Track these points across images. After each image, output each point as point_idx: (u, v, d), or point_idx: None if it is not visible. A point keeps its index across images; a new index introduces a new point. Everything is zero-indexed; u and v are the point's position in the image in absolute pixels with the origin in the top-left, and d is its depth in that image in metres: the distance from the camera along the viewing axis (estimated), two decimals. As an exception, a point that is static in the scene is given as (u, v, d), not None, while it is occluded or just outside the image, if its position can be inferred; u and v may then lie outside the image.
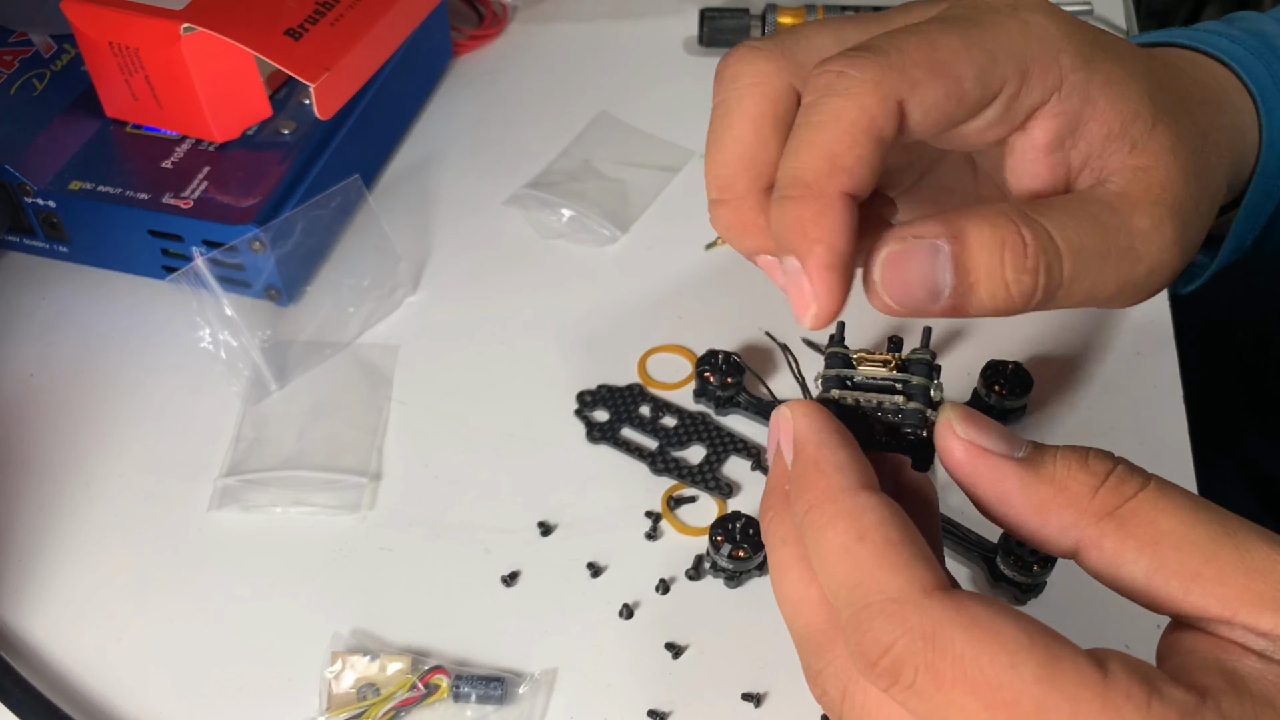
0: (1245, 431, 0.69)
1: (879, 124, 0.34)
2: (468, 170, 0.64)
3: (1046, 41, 0.37)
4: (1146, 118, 0.38)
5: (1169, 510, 0.29)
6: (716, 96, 0.38)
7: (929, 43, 0.35)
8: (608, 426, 0.52)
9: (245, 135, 0.58)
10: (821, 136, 0.34)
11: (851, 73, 0.34)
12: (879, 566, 0.29)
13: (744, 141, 0.37)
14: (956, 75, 0.35)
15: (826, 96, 0.34)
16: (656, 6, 0.73)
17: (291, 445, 0.51)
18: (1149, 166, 0.38)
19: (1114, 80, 0.38)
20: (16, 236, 0.58)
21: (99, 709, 0.44)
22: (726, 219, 0.38)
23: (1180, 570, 0.29)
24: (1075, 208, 0.37)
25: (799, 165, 0.34)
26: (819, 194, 0.34)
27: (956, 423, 0.31)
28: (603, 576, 0.47)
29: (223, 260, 0.54)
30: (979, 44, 0.35)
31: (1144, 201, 0.38)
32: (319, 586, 0.47)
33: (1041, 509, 0.30)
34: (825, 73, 0.34)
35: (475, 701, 0.43)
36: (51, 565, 0.48)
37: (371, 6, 0.57)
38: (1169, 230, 0.38)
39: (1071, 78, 0.37)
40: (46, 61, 0.61)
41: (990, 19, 0.36)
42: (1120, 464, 0.31)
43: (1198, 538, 0.29)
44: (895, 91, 0.34)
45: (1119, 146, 0.38)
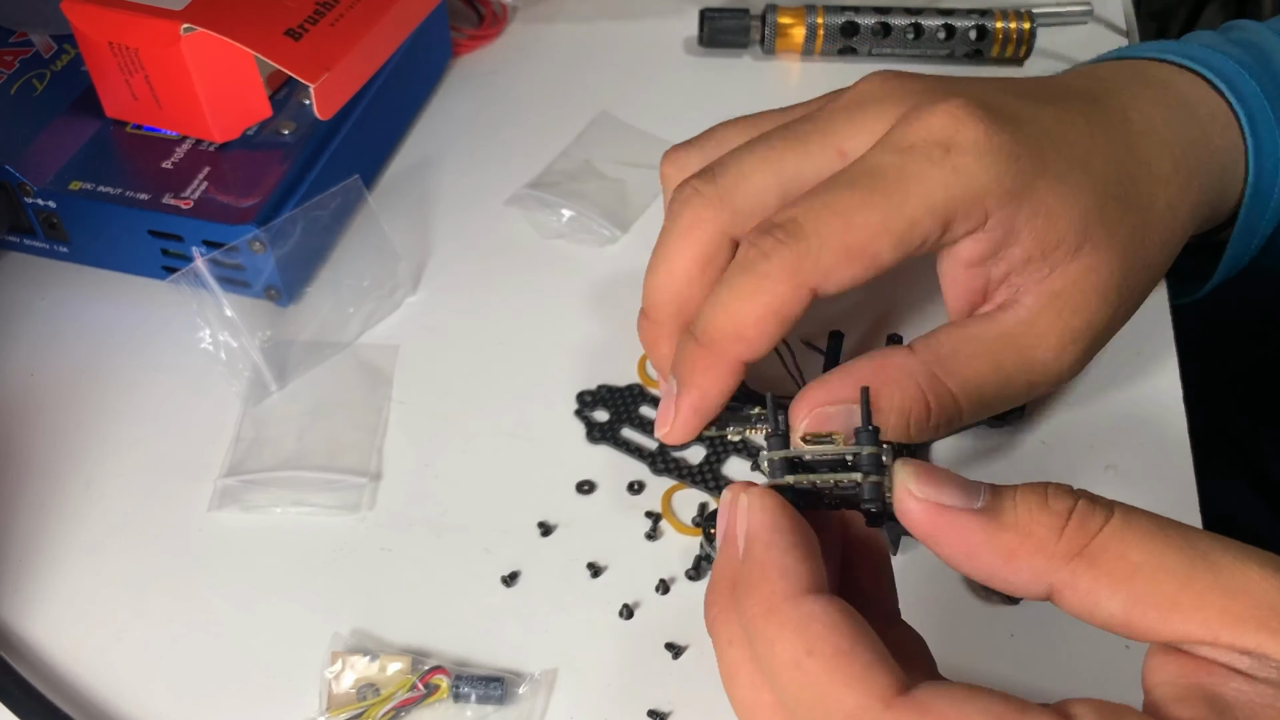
0: (1246, 430, 0.69)
1: (787, 308, 0.39)
2: (468, 170, 0.64)
3: (973, 189, 0.39)
4: (1070, 243, 0.41)
5: (1136, 541, 0.29)
6: (665, 222, 0.44)
7: (848, 226, 0.39)
8: (608, 426, 0.52)
9: (245, 135, 0.58)
10: (737, 305, 0.39)
11: (773, 258, 0.39)
12: (832, 682, 0.28)
13: (674, 276, 0.43)
14: (873, 252, 0.39)
15: (747, 274, 0.39)
16: (656, 6, 0.73)
17: (291, 445, 0.51)
18: (1063, 291, 0.41)
19: (1043, 211, 0.40)
20: (16, 236, 0.58)
21: (99, 709, 0.44)
22: (647, 333, 0.45)
23: (1157, 601, 0.29)
24: (981, 353, 0.41)
25: (712, 323, 0.40)
26: (718, 352, 0.40)
27: (910, 482, 0.31)
28: (603, 576, 0.47)
29: (223, 260, 0.54)
30: (899, 212, 0.39)
31: (1050, 331, 0.41)
32: (319, 587, 0.47)
33: (1010, 558, 0.30)
34: (751, 248, 0.39)
35: (475, 701, 0.43)
36: (51, 565, 0.48)
37: (371, 7, 0.57)
38: (1069, 356, 0.42)
39: (997, 214, 0.40)
40: (46, 62, 0.61)
41: (916, 170, 0.39)
42: (1081, 498, 0.30)
43: (1170, 565, 0.29)
44: (809, 280, 0.39)
45: (1038, 268, 0.41)
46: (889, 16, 0.67)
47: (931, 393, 0.40)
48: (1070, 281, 0.40)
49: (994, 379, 0.41)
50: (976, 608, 0.45)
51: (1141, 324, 0.54)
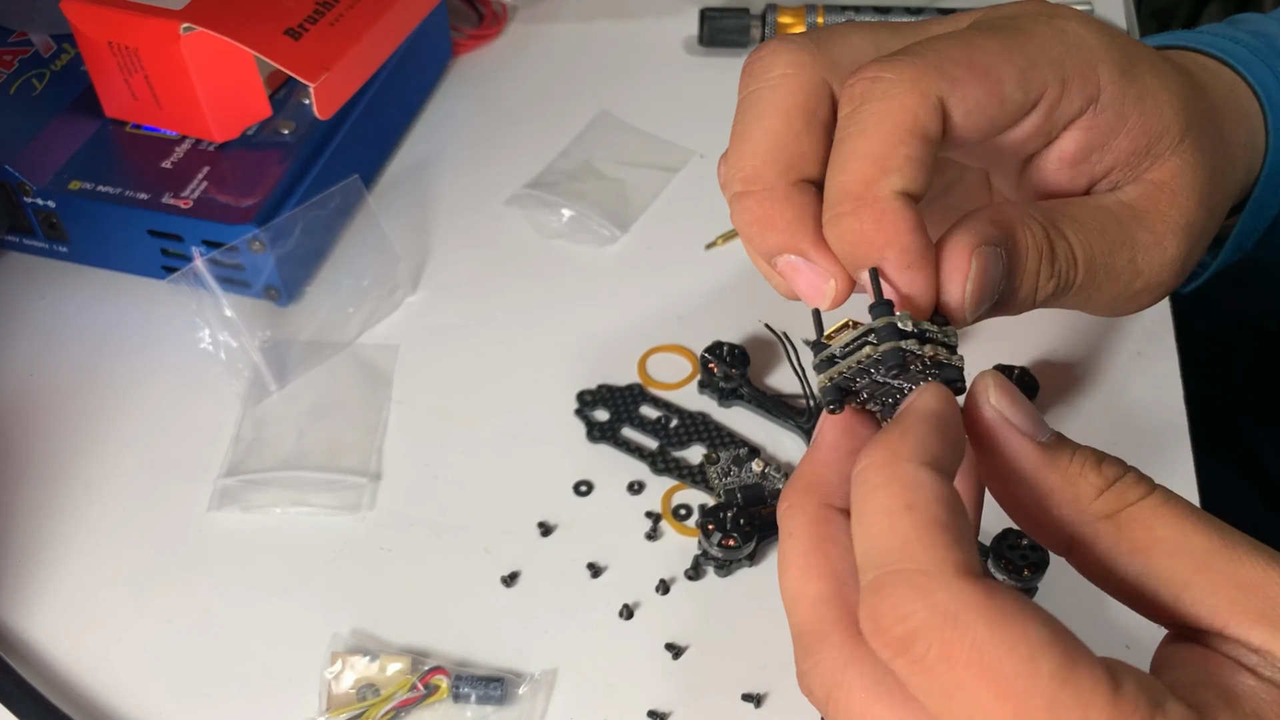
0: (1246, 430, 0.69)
1: (923, 121, 0.32)
2: (467, 170, 0.64)
3: (1085, 50, 0.36)
4: (1175, 133, 0.38)
5: (1168, 518, 0.29)
6: (744, 89, 0.36)
7: (966, 46, 0.34)
8: (608, 426, 0.52)
9: (245, 135, 0.58)
10: (865, 144, 0.32)
11: (888, 75, 0.33)
12: (918, 538, 0.28)
13: (775, 132, 0.35)
14: (997, 76, 0.34)
15: (865, 103, 0.33)
16: (656, 6, 0.73)
17: (291, 445, 0.51)
18: (1164, 182, 0.38)
19: (1148, 94, 0.37)
20: (16, 236, 0.58)
21: (99, 709, 0.44)
22: (752, 211, 0.35)
23: (1171, 578, 0.29)
24: (1088, 217, 0.37)
25: (845, 178, 0.33)
26: (872, 201, 0.32)
27: (991, 392, 0.31)
28: (603, 576, 0.47)
29: (222, 260, 0.54)
30: (1019, 48, 0.35)
31: (1151, 216, 0.38)
32: (319, 587, 0.47)
33: (1045, 498, 0.30)
34: (860, 80, 0.33)
35: (475, 702, 0.43)
36: (51, 565, 0.48)
37: (371, 6, 0.57)
38: (1170, 248, 0.38)
39: (1109, 89, 0.36)
40: (46, 61, 0.61)
41: (1027, 26, 0.36)
42: (1131, 472, 0.31)
43: (1193, 547, 0.29)
44: (935, 89, 0.33)
45: (1141, 161, 0.38)
46: (889, 16, 0.67)
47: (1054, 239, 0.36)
48: (1170, 174, 0.38)
49: (1103, 244, 0.37)
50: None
51: (1142, 324, 0.54)
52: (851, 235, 0.33)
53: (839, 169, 0.33)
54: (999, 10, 0.37)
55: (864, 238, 0.32)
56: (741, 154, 0.35)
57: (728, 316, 0.55)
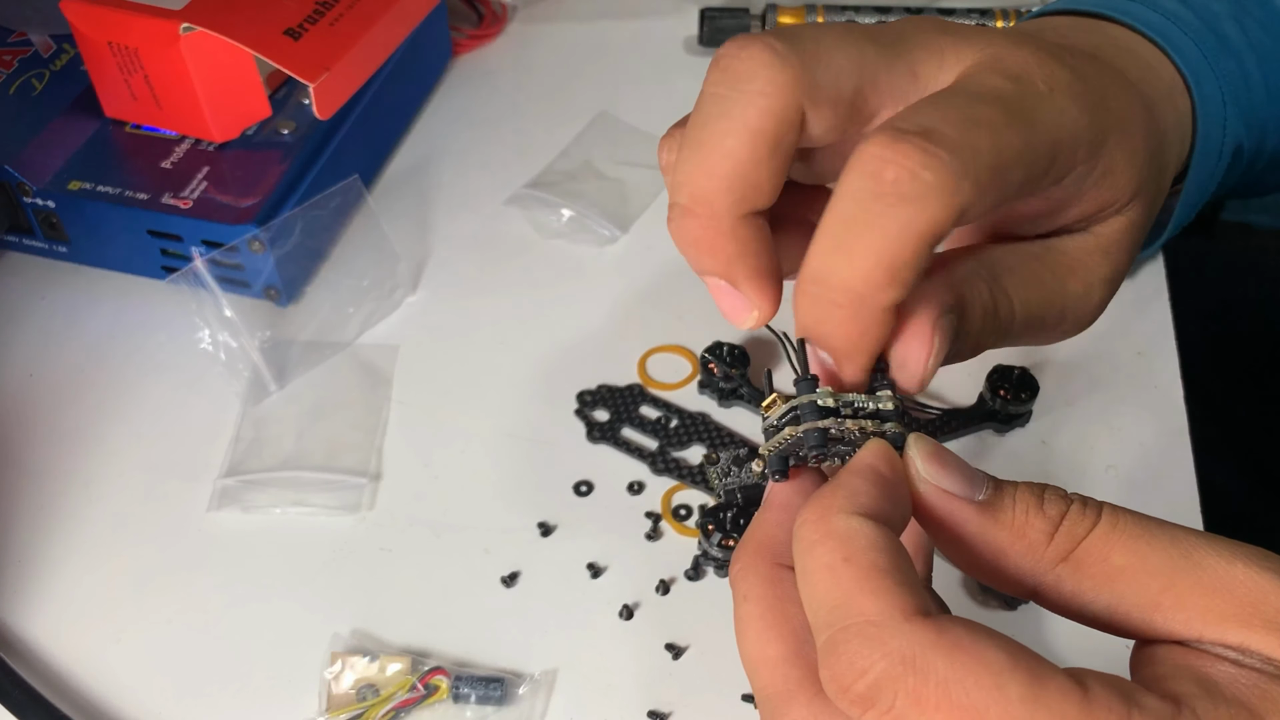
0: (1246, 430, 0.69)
1: (940, 237, 0.31)
2: (467, 170, 0.64)
3: (1074, 131, 0.35)
4: (1124, 199, 0.39)
5: (1121, 544, 0.29)
6: (714, 86, 0.34)
7: (996, 144, 0.32)
8: (608, 426, 0.52)
9: (244, 135, 0.58)
10: (879, 244, 0.31)
11: (925, 176, 0.30)
12: (860, 589, 0.28)
13: (736, 157, 0.33)
14: (1008, 180, 0.33)
15: (891, 202, 0.30)
16: (656, 6, 0.73)
17: (291, 446, 0.51)
18: (1104, 236, 0.39)
19: (1110, 170, 0.38)
20: (16, 236, 0.58)
21: (98, 709, 0.44)
22: (693, 234, 0.34)
23: (1139, 602, 0.29)
24: (1026, 270, 0.38)
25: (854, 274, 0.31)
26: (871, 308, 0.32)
27: (920, 463, 0.30)
28: (603, 576, 0.47)
29: (222, 260, 0.54)
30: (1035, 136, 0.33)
31: (1084, 267, 0.39)
32: (318, 587, 0.47)
33: (1000, 556, 0.30)
34: (889, 163, 0.30)
35: (475, 702, 0.43)
36: (51, 565, 0.48)
37: (371, 6, 0.57)
38: (1097, 295, 0.40)
39: (1079, 169, 0.36)
40: (46, 61, 0.61)
41: (1032, 105, 0.34)
42: (1074, 503, 0.30)
43: (1153, 566, 0.29)
44: (964, 205, 0.31)
45: (1082, 225, 0.39)
46: (889, 16, 0.67)
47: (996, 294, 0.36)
48: (1111, 231, 0.39)
49: (1038, 292, 0.38)
50: (974, 611, 0.45)
51: (1142, 324, 0.54)
52: (838, 330, 0.32)
53: (848, 256, 0.31)
54: (1005, 65, 0.35)
55: (850, 338, 0.32)
56: (695, 168, 0.33)
57: None
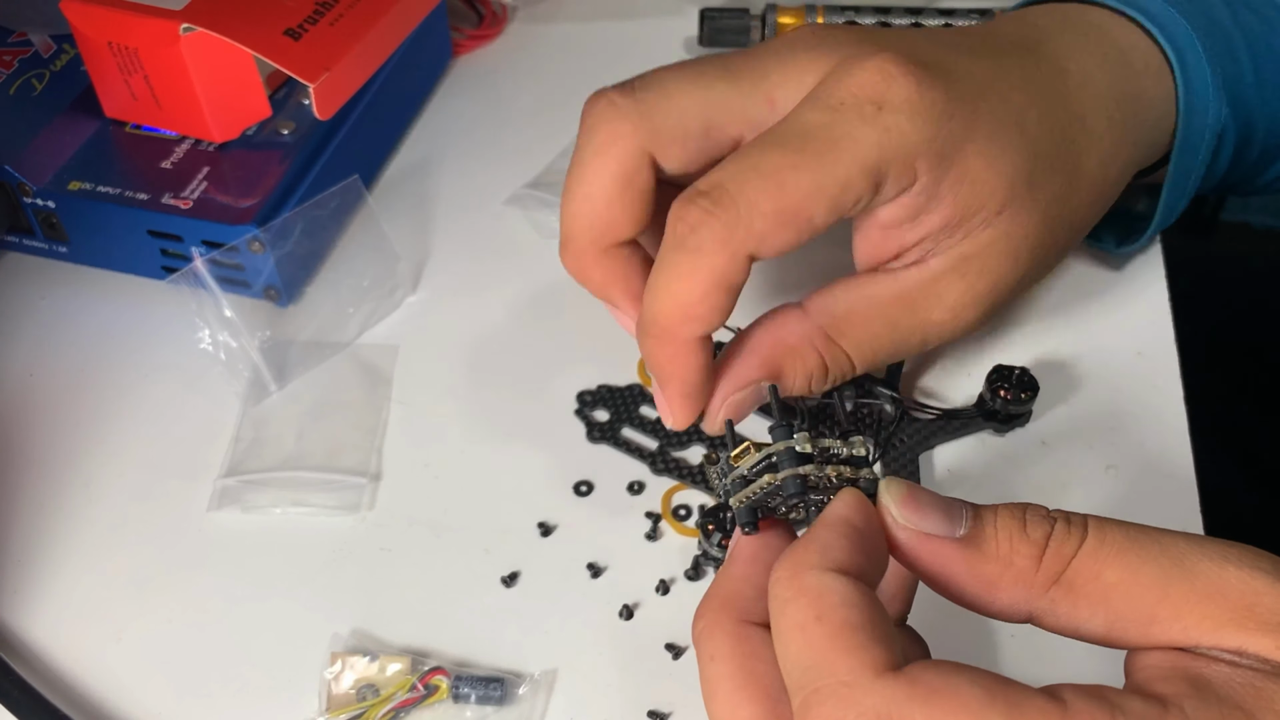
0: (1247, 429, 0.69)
1: (729, 277, 0.38)
2: (467, 170, 0.64)
3: (906, 148, 0.38)
4: (992, 207, 0.40)
5: (1111, 559, 0.29)
6: (578, 141, 0.42)
7: (780, 190, 0.37)
8: (608, 426, 0.52)
9: (245, 135, 0.58)
10: (678, 287, 0.38)
11: (702, 231, 0.37)
12: (832, 648, 0.28)
13: (591, 201, 0.41)
14: (807, 217, 0.38)
15: (680, 252, 0.38)
16: (656, 6, 0.73)
17: (291, 446, 0.51)
18: (973, 255, 0.41)
19: (968, 178, 0.39)
20: (16, 237, 0.58)
21: (98, 709, 0.44)
22: (569, 264, 0.42)
23: (1136, 617, 0.29)
24: (876, 314, 0.42)
25: (658, 311, 0.39)
26: (673, 338, 0.39)
27: (894, 508, 0.31)
28: (603, 576, 0.47)
29: (222, 261, 0.54)
30: (832, 174, 0.37)
31: (954, 291, 0.41)
32: (318, 587, 0.47)
33: (990, 588, 0.30)
34: (680, 223, 0.38)
35: (475, 702, 0.43)
36: (51, 565, 0.48)
37: (371, 7, 0.57)
38: (969, 316, 0.42)
39: (923, 179, 0.39)
40: (46, 61, 0.61)
41: (848, 131, 0.38)
42: (1058, 522, 0.30)
43: (1145, 579, 0.29)
44: (744, 248, 0.37)
45: (952, 234, 0.40)
46: (889, 16, 0.67)
47: (828, 355, 0.42)
48: (982, 246, 0.41)
49: (888, 338, 0.42)
50: (974, 619, 0.45)
51: (1142, 324, 0.54)
52: (653, 356, 0.40)
53: (654, 298, 0.39)
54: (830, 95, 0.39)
55: (659, 363, 0.40)
56: (566, 212, 0.42)
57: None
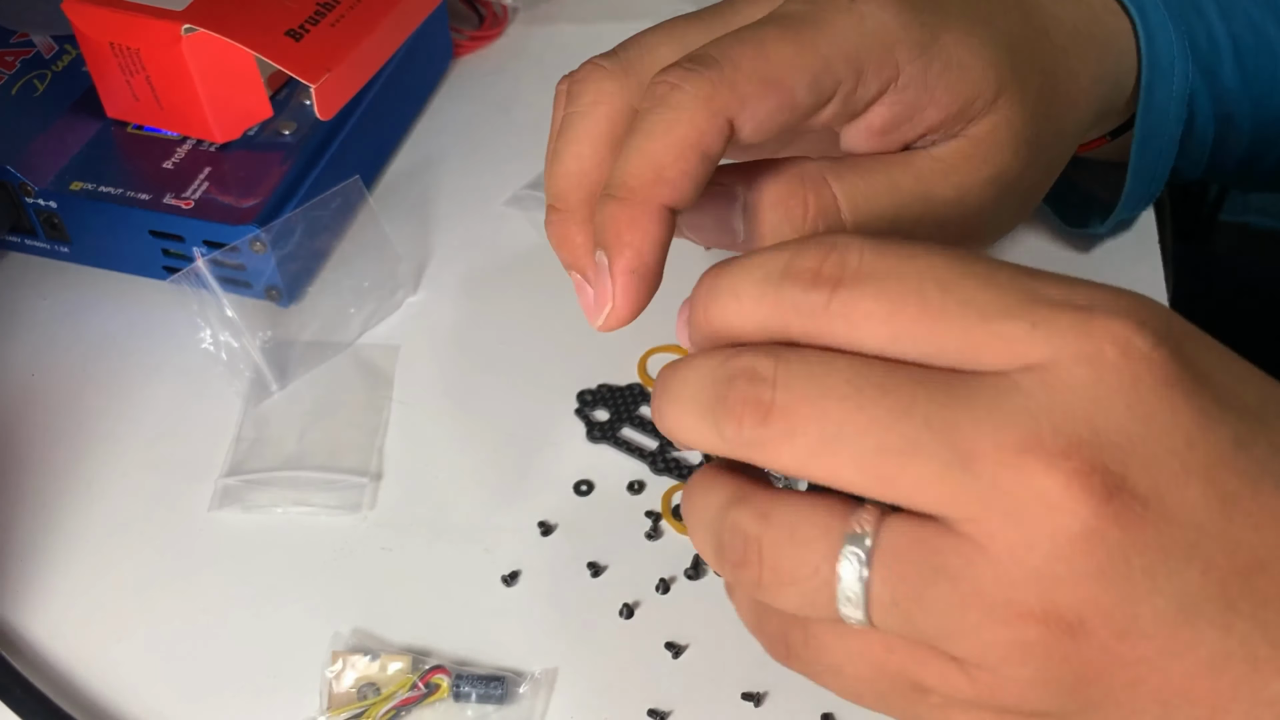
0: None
1: (707, 140, 0.35)
2: (468, 171, 0.64)
3: (882, 35, 0.38)
4: (987, 95, 0.39)
5: None
6: (558, 111, 0.40)
7: (761, 54, 0.36)
8: (608, 426, 0.52)
9: (246, 136, 0.58)
10: (651, 146, 0.36)
11: (684, 87, 0.35)
12: None
13: (582, 158, 0.39)
14: (789, 87, 0.36)
15: (658, 108, 0.36)
16: (656, 7, 0.73)
17: (292, 445, 0.51)
18: (979, 138, 0.40)
19: (953, 64, 0.39)
20: (17, 237, 0.58)
21: (100, 708, 0.44)
22: (555, 227, 0.39)
23: None
24: (879, 171, 0.39)
25: (627, 171, 0.36)
26: (641, 200, 0.36)
27: None
28: (603, 576, 0.47)
29: (224, 261, 0.54)
30: (813, 49, 0.37)
31: (959, 170, 0.40)
32: (320, 586, 0.47)
33: None
34: (660, 84, 0.36)
35: (475, 701, 0.43)
36: (52, 565, 0.48)
37: (372, 8, 0.57)
38: (974, 199, 0.40)
39: (908, 69, 0.38)
40: (47, 62, 0.61)
41: (826, 16, 0.37)
42: None
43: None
44: (725, 109, 0.35)
45: (956, 123, 0.39)
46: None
47: (813, 194, 0.39)
48: (983, 133, 0.40)
49: (887, 198, 0.39)
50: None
51: (1141, 324, 0.54)
52: (608, 219, 0.36)
53: (624, 159, 0.36)
54: None
55: (616, 227, 0.36)
56: (553, 174, 0.39)
57: None
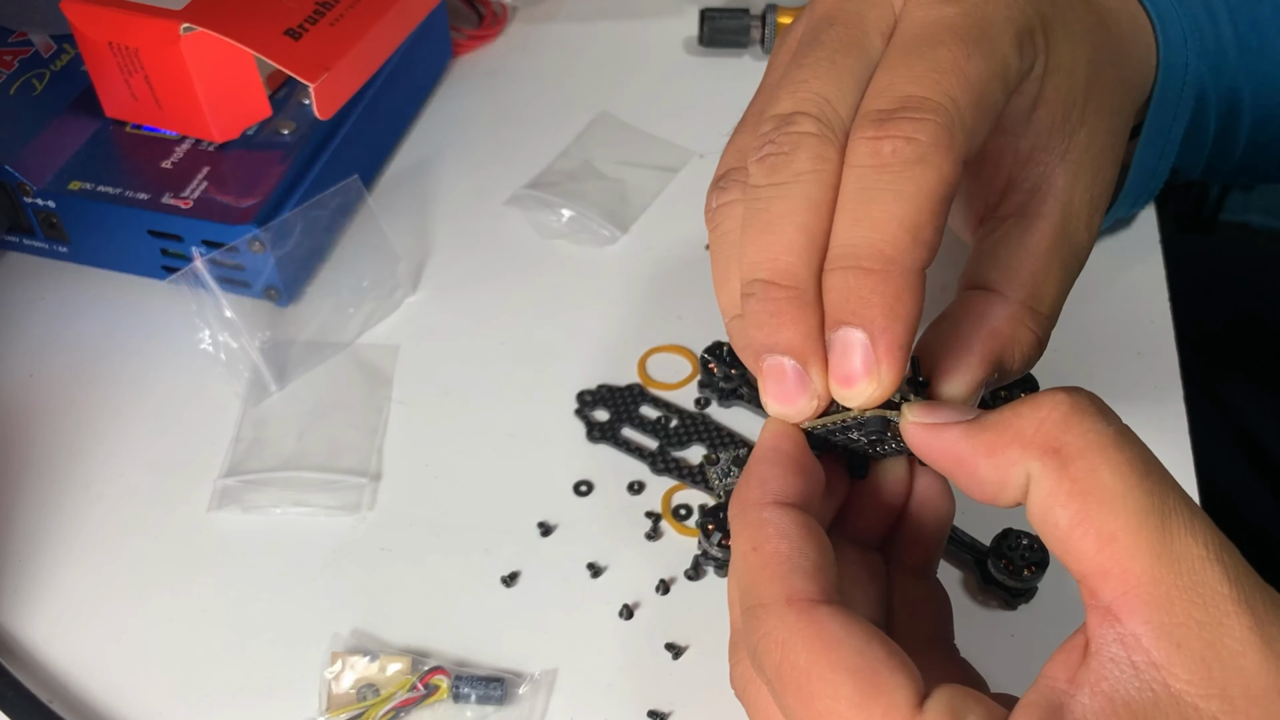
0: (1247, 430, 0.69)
1: (952, 189, 0.32)
2: (467, 170, 0.64)
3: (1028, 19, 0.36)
4: (1080, 104, 0.39)
5: (1115, 463, 0.29)
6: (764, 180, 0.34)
7: (967, 81, 0.33)
8: (608, 426, 0.52)
9: (245, 135, 0.58)
10: (900, 208, 0.31)
11: (920, 138, 0.32)
12: (761, 575, 0.32)
13: (809, 229, 0.33)
14: (993, 102, 0.34)
15: (900, 166, 0.32)
16: (656, 6, 0.73)
17: (291, 446, 0.51)
18: (1082, 161, 0.40)
19: (1060, 66, 0.38)
20: (16, 236, 0.58)
21: (98, 709, 0.44)
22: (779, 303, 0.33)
23: (1101, 528, 0.28)
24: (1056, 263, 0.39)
25: (878, 237, 0.31)
26: (902, 271, 0.32)
27: (910, 412, 0.33)
28: (603, 576, 0.47)
29: (222, 261, 0.54)
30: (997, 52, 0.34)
31: (1084, 207, 0.40)
32: (319, 587, 0.47)
33: (991, 453, 0.31)
34: (890, 138, 0.32)
35: (475, 702, 0.43)
36: (51, 566, 0.48)
37: (371, 7, 0.57)
38: (1097, 223, 0.40)
39: (1040, 56, 0.37)
40: (46, 62, 0.61)
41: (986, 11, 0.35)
42: (1078, 397, 0.30)
43: (1131, 503, 0.28)
44: (963, 150, 0.32)
45: (1059, 140, 0.39)
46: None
47: (1039, 329, 0.38)
48: (1084, 148, 0.39)
49: (1067, 280, 0.39)
50: (975, 610, 0.45)
51: (1142, 324, 0.54)
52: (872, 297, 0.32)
53: (870, 224, 0.32)
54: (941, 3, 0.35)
55: (882, 303, 0.32)
56: (770, 246, 0.33)
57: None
